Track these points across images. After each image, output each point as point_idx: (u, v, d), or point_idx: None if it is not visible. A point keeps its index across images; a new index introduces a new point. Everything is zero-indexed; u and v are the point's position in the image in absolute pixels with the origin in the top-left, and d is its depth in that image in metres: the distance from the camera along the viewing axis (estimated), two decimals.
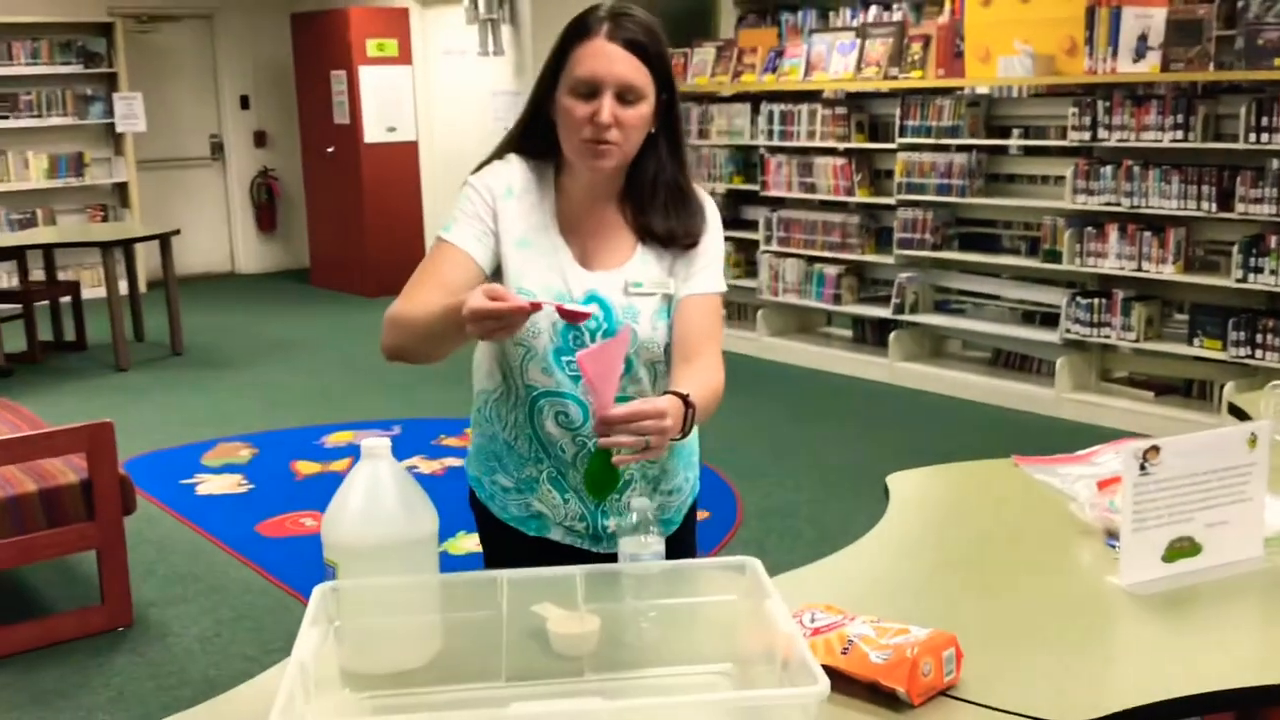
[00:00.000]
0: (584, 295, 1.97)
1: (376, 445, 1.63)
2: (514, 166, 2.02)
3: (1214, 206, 5.48)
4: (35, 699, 3.48)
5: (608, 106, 1.87)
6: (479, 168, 2.05)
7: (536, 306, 1.68)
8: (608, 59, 1.87)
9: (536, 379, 1.99)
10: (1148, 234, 5.73)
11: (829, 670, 1.48)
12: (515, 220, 1.99)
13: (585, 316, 1.74)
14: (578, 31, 1.91)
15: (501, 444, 2.09)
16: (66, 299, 8.24)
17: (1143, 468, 1.82)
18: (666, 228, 1.98)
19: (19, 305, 7.85)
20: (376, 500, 1.61)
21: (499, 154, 2.05)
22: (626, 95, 1.89)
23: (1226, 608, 1.82)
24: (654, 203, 1.99)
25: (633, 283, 1.98)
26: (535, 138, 2.00)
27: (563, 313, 1.73)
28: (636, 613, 1.65)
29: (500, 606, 1.63)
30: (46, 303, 8.16)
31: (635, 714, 1.37)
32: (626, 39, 1.88)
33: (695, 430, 2.15)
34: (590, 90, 1.88)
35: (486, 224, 1.98)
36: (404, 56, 9.88)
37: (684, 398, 1.79)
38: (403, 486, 1.63)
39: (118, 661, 3.71)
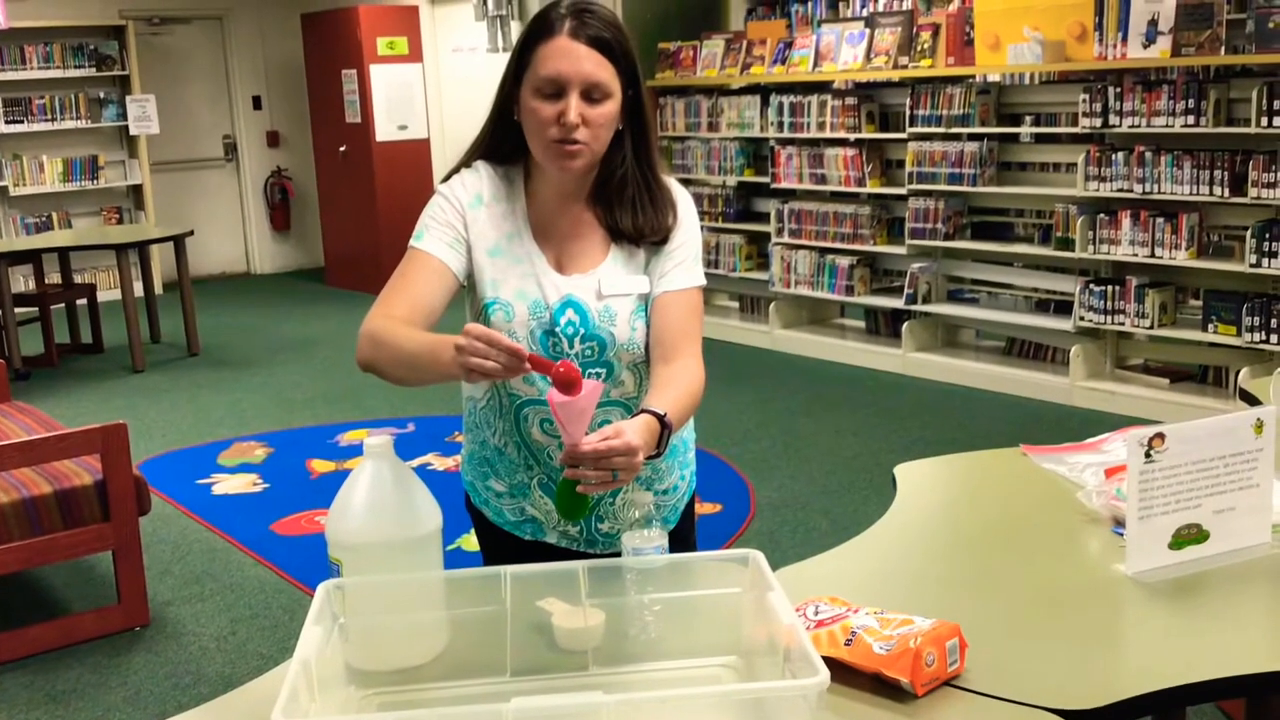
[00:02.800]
0: (559, 301, 1.94)
1: (379, 444, 1.64)
2: (482, 175, 1.99)
3: (1227, 191, 5.45)
4: (53, 698, 3.50)
5: (574, 106, 1.83)
6: (448, 176, 2.02)
7: (536, 362, 1.63)
8: (573, 58, 1.83)
9: (518, 388, 1.98)
10: (1160, 220, 5.70)
11: (833, 662, 1.48)
12: (486, 229, 1.96)
13: (578, 390, 1.62)
14: (540, 29, 1.86)
15: (492, 450, 2.08)
16: (82, 301, 8.29)
17: (1148, 455, 1.81)
18: (635, 225, 1.95)
19: (35, 308, 7.89)
20: (379, 498, 1.61)
21: (467, 161, 2.01)
22: (593, 94, 1.85)
23: (1235, 594, 1.81)
24: (622, 200, 1.95)
25: (607, 285, 1.95)
26: (502, 141, 1.97)
27: (557, 380, 1.64)
28: (640, 607, 1.66)
29: (504, 602, 1.64)
30: (62, 305, 8.21)
31: (636, 707, 1.37)
32: (590, 36, 1.84)
33: (690, 427, 2.15)
34: (556, 90, 1.84)
35: (458, 231, 1.95)
36: (414, 54, 9.89)
37: (660, 417, 1.75)
38: (406, 484, 1.64)
39: (135, 660, 3.73)
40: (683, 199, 2.02)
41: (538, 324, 1.94)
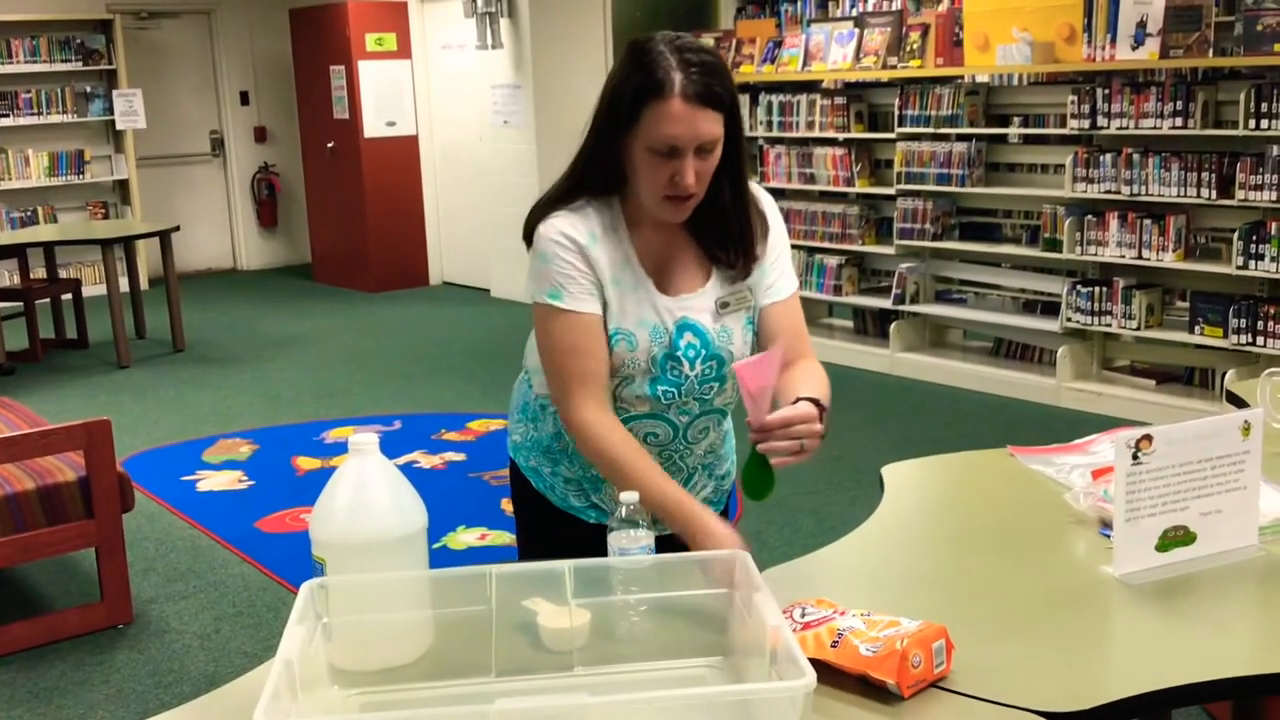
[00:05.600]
0: (675, 324, 1.97)
1: (364, 441, 1.62)
2: (587, 212, 1.96)
3: (1214, 193, 5.46)
4: (35, 696, 3.48)
5: (690, 168, 1.85)
6: (544, 210, 1.97)
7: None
8: (689, 123, 1.82)
9: (630, 404, 2.00)
10: (1148, 222, 5.72)
11: (819, 664, 1.48)
12: (604, 263, 1.96)
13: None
14: (650, 88, 1.83)
15: (568, 444, 2.08)
16: (67, 296, 8.25)
17: (1135, 457, 1.81)
18: (732, 254, 1.99)
19: (20, 303, 7.85)
20: (364, 497, 1.60)
21: (566, 197, 1.97)
22: (706, 147, 1.86)
23: (1221, 597, 1.81)
24: (720, 231, 1.99)
25: (720, 302, 2.00)
26: (603, 174, 1.95)
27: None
28: (626, 607, 1.65)
29: (490, 601, 1.63)
30: (47, 300, 8.17)
31: (620, 709, 1.36)
32: (701, 94, 1.82)
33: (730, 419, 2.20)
34: (669, 150, 1.84)
35: (590, 276, 1.94)
36: (403, 50, 9.86)
37: (816, 402, 1.83)
38: (391, 483, 1.63)
39: (117, 658, 3.71)
40: (770, 209, 2.06)
41: (659, 348, 1.97)
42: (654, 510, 1.85)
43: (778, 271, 2.05)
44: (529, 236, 1.99)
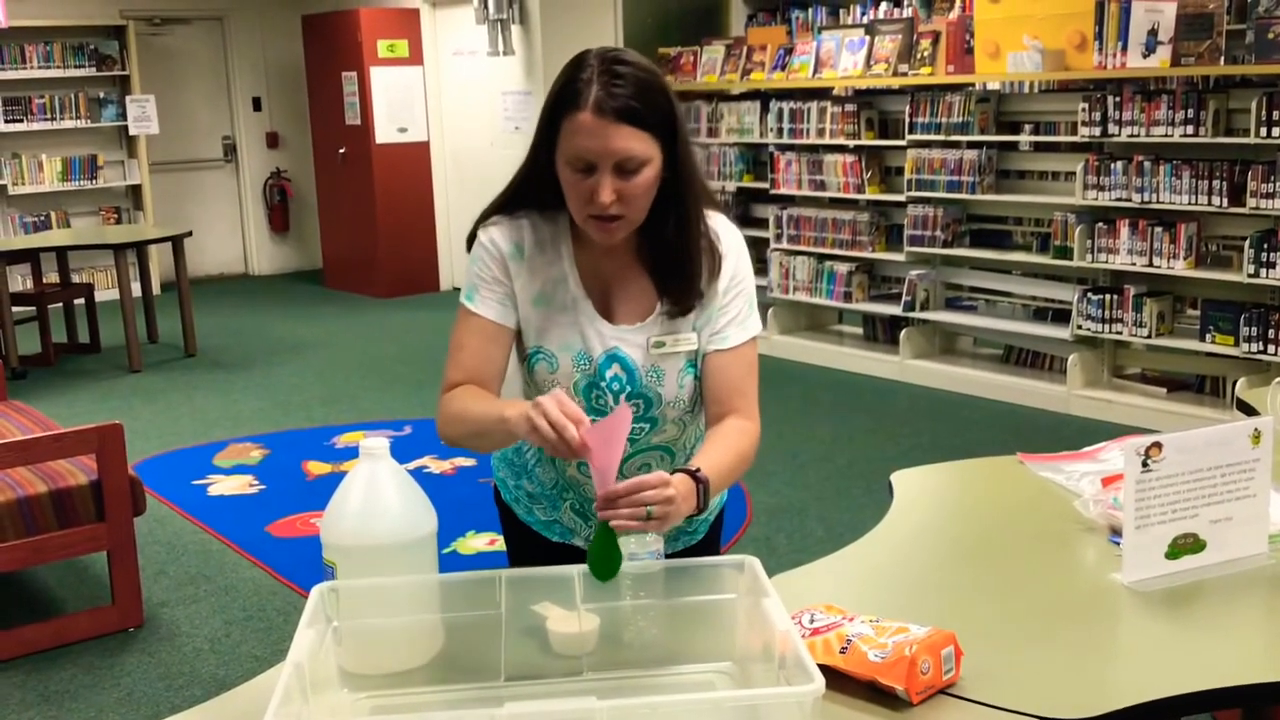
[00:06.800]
0: (605, 354, 1.90)
1: (375, 445, 1.63)
2: (523, 224, 1.91)
3: (1225, 201, 5.45)
4: (46, 699, 3.49)
5: (606, 186, 1.74)
6: (486, 215, 1.94)
7: (584, 448, 1.62)
8: (600, 136, 1.72)
9: None
10: (1159, 229, 5.71)
11: (828, 670, 1.48)
12: (529, 279, 1.90)
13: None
14: (566, 98, 1.75)
15: (528, 460, 2.07)
16: (80, 301, 8.27)
17: (1145, 464, 1.81)
18: (682, 290, 1.88)
19: (33, 307, 7.88)
20: (375, 501, 1.61)
21: (505, 207, 1.93)
22: (626, 165, 1.75)
23: (1231, 604, 1.81)
24: (668, 264, 1.88)
25: (654, 341, 1.90)
26: (541, 191, 1.87)
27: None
28: (636, 612, 1.65)
29: (499, 606, 1.63)
30: (60, 305, 8.19)
31: (629, 713, 1.36)
32: (617, 109, 1.72)
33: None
34: (586, 166, 1.75)
35: (506, 285, 1.90)
36: (414, 57, 9.89)
37: (694, 474, 1.72)
38: (401, 487, 1.63)
39: (128, 662, 3.72)
40: (731, 250, 1.93)
41: (582, 375, 1.91)
42: (480, 430, 1.80)
43: (729, 316, 1.92)
44: (471, 242, 1.96)
